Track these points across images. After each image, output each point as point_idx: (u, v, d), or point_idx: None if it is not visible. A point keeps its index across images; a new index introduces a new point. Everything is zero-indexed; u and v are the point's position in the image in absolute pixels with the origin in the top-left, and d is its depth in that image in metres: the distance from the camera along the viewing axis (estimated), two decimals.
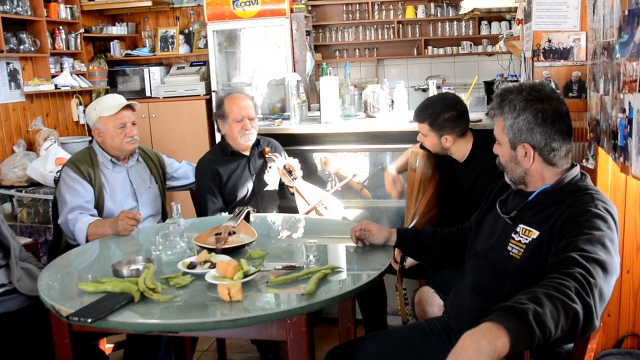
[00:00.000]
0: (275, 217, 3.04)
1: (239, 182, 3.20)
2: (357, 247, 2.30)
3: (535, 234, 1.71)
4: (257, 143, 3.28)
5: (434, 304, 2.42)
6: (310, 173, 3.72)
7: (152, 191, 3.10)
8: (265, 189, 3.26)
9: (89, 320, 1.72)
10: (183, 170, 3.32)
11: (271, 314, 1.76)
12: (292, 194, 3.21)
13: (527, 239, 1.72)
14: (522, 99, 1.75)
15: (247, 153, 3.25)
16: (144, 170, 3.13)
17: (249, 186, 3.22)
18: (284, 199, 3.37)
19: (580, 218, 1.60)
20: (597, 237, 1.53)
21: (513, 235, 1.76)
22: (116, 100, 3.01)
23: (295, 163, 3.17)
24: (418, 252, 2.29)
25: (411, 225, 2.80)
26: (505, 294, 1.61)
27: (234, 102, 3.20)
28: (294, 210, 3.18)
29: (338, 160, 3.85)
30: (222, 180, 3.18)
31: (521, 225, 1.76)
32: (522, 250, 1.72)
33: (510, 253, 1.75)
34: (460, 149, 2.70)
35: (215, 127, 3.34)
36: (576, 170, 1.79)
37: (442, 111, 2.63)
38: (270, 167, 3.24)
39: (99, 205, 2.91)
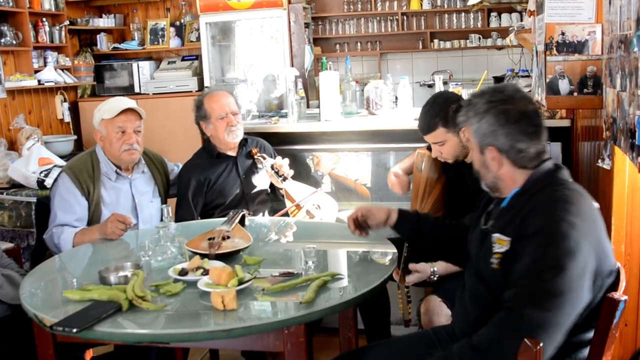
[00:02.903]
0: (271, 220, 3.04)
1: (227, 184, 3.20)
2: (359, 253, 2.31)
3: (507, 242, 1.73)
4: (245, 143, 3.28)
5: (441, 313, 2.42)
6: (307, 174, 3.72)
7: (153, 205, 3.04)
8: (255, 190, 3.26)
9: (74, 330, 1.72)
10: None
11: (268, 324, 1.76)
12: (283, 196, 3.22)
13: (501, 248, 1.75)
14: (484, 101, 1.79)
15: (234, 154, 3.25)
16: (149, 182, 3.07)
17: (237, 189, 3.22)
18: (276, 201, 3.37)
19: (538, 245, 1.62)
20: (545, 288, 1.56)
21: (492, 245, 1.78)
22: (121, 103, 2.93)
23: (284, 163, 3.17)
24: (417, 238, 2.28)
25: None
26: (498, 306, 1.66)
27: (214, 100, 3.19)
28: (286, 213, 3.18)
29: (332, 160, 3.85)
30: (208, 186, 3.17)
31: (495, 235, 1.78)
32: (499, 261, 1.75)
33: (492, 265, 1.77)
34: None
35: (199, 131, 3.29)
36: (546, 166, 1.79)
37: (447, 105, 2.62)
38: (260, 168, 3.25)
39: (94, 220, 2.86)
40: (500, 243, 1.74)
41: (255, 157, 3.23)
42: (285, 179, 3.15)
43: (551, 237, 1.61)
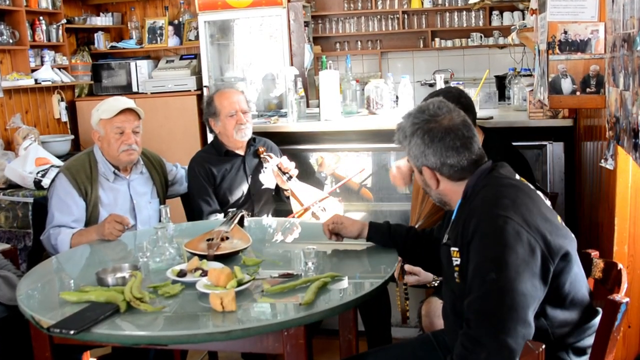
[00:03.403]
0: (270, 221, 3.04)
1: (234, 183, 3.22)
2: (360, 254, 2.32)
3: (459, 253, 1.76)
4: (253, 142, 3.29)
5: (442, 316, 2.42)
6: (308, 174, 3.73)
7: (152, 207, 3.03)
8: (261, 190, 3.28)
9: (72, 332, 1.72)
10: (180, 175, 3.30)
11: (267, 326, 1.76)
12: (288, 197, 3.22)
13: (457, 261, 1.77)
14: (410, 124, 1.83)
15: (242, 152, 3.27)
16: (147, 183, 3.06)
17: (244, 187, 3.23)
18: (280, 202, 3.38)
19: (476, 248, 1.65)
20: (492, 288, 1.58)
21: (452, 259, 1.80)
22: (119, 103, 2.92)
23: (289, 163, 3.18)
24: (392, 247, 2.34)
25: (417, 226, 2.80)
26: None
27: (225, 97, 3.21)
28: (290, 213, 3.18)
29: (335, 160, 3.85)
30: (216, 181, 3.19)
31: (452, 248, 1.80)
32: (458, 274, 1.77)
33: (455, 279, 1.79)
34: None
35: (207, 127, 3.32)
36: (481, 169, 1.80)
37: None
38: (265, 168, 3.26)
39: (91, 222, 2.86)
40: (456, 256, 1.77)
41: (262, 155, 3.24)
42: (290, 177, 3.17)
43: (487, 236, 1.64)
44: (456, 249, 1.76)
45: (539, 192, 1.81)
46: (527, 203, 1.68)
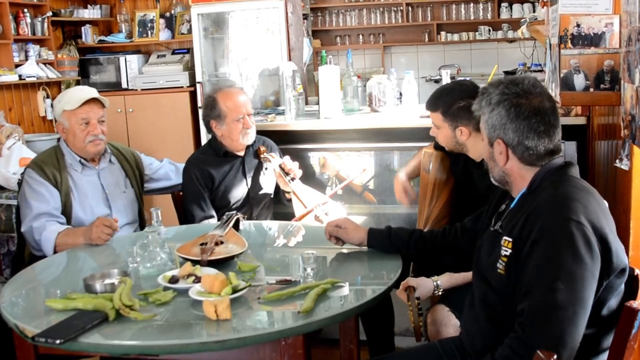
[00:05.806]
0: (268, 225, 3.04)
1: (232, 185, 3.20)
2: (362, 259, 2.33)
3: (512, 244, 1.76)
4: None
5: (449, 324, 2.42)
6: (308, 175, 3.72)
7: (127, 196, 3.09)
8: (260, 193, 3.27)
9: (58, 341, 1.72)
10: (164, 171, 3.31)
11: (264, 335, 1.76)
12: (289, 200, 3.21)
13: (506, 251, 1.77)
14: (499, 92, 1.82)
15: (242, 153, 3.25)
16: (118, 173, 3.12)
17: (243, 190, 3.22)
18: (278, 205, 3.37)
19: (544, 251, 1.65)
20: (558, 298, 1.58)
21: (501, 248, 1.80)
22: (82, 93, 3.00)
23: (292, 163, 3.18)
24: (395, 252, 2.36)
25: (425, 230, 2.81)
26: (507, 313, 1.71)
27: (230, 99, 3.15)
28: (289, 217, 3.18)
29: (338, 161, 3.85)
30: (214, 184, 3.18)
31: (504, 237, 1.80)
32: (504, 264, 1.77)
33: (498, 269, 1.79)
34: (477, 145, 2.70)
35: (206, 128, 3.27)
36: (554, 163, 1.81)
37: (458, 99, 2.63)
38: (266, 169, 3.25)
39: (66, 212, 2.90)
40: (507, 246, 1.77)
41: (262, 156, 3.22)
42: (293, 179, 3.16)
43: (556, 239, 1.63)
44: (509, 239, 1.76)
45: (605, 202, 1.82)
46: (597, 211, 1.69)
